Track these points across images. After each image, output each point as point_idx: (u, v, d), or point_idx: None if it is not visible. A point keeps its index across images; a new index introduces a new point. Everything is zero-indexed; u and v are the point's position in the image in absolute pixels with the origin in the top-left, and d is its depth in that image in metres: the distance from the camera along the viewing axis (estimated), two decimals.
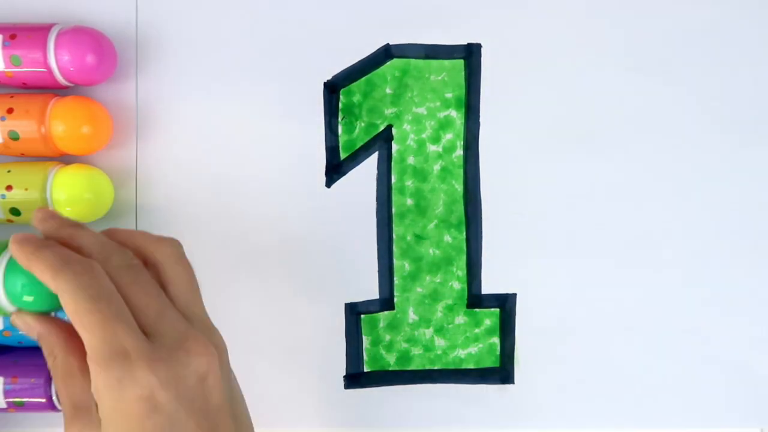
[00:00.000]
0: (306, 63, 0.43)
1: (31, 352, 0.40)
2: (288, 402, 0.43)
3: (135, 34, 0.42)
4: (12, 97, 0.39)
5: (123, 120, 0.42)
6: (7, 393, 0.39)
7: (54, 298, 0.30)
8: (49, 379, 0.39)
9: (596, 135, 0.43)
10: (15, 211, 0.39)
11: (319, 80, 0.43)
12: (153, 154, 0.43)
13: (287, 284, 0.43)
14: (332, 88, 0.43)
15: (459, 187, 0.43)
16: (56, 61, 0.38)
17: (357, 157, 0.43)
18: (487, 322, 0.44)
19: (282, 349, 0.43)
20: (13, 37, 0.38)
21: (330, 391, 0.43)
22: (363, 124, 0.43)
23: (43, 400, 0.39)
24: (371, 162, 0.43)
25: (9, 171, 0.39)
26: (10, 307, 0.31)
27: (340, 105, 0.43)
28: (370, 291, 0.43)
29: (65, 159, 0.41)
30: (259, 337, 0.43)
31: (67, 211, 0.39)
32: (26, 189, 0.39)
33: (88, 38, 0.39)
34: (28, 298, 0.31)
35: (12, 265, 0.30)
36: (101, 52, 0.39)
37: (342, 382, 0.44)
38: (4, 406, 0.39)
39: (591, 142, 0.43)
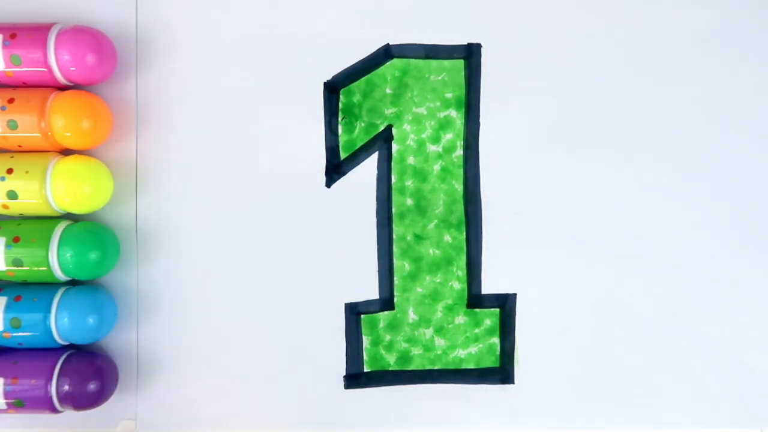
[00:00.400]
0: (306, 63, 0.43)
1: (32, 353, 0.40)
2: (288, 402, 0.43)
3: (135, 34, 0.42)
4: (14, 89, 0.40)
5: (123, 119, 0.42)
6: (7, 394, 0.39)
7: None
8: (49, 380, 0.39)
9: (596, 135, 0.43)
10: (12, 194, 0.39)
11: (319, 80, 0.43)
12: (153, 154, 0.43)
13: (287, 284, 0.43)
14: (332, 88, 0.43)
15: (459, 187, 0.43)
16: (56, 60, 0.38)
17: (357, 157, 0.43)
18: (487, 322, 0.44)
19: (282, 349, 0.43)
20: (13, 36, 0.38)
21: (330, 391, 0.43)
22: (363, 124, 0.43)
23: (43, 401, 0.39)
24: (371, 162, 0.43)
25: (12, 156, 0.40)
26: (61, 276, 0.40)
27: (340, 105, 0.43)
28: (370, 291, 0.43)
29: (66, 153, 0.41)
30: (259, 337, 0.43)
31: (66, 202, 0.39)
32: (27, 172, 0.39)
33: (88, 38, 0.39)
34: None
35: (63, 240, 0.39)
36: (101, 51, 0.39)
37: (342, 382, 0.44)
38: (5, 406, 0.39)
39: (591, 142, 0.43)
